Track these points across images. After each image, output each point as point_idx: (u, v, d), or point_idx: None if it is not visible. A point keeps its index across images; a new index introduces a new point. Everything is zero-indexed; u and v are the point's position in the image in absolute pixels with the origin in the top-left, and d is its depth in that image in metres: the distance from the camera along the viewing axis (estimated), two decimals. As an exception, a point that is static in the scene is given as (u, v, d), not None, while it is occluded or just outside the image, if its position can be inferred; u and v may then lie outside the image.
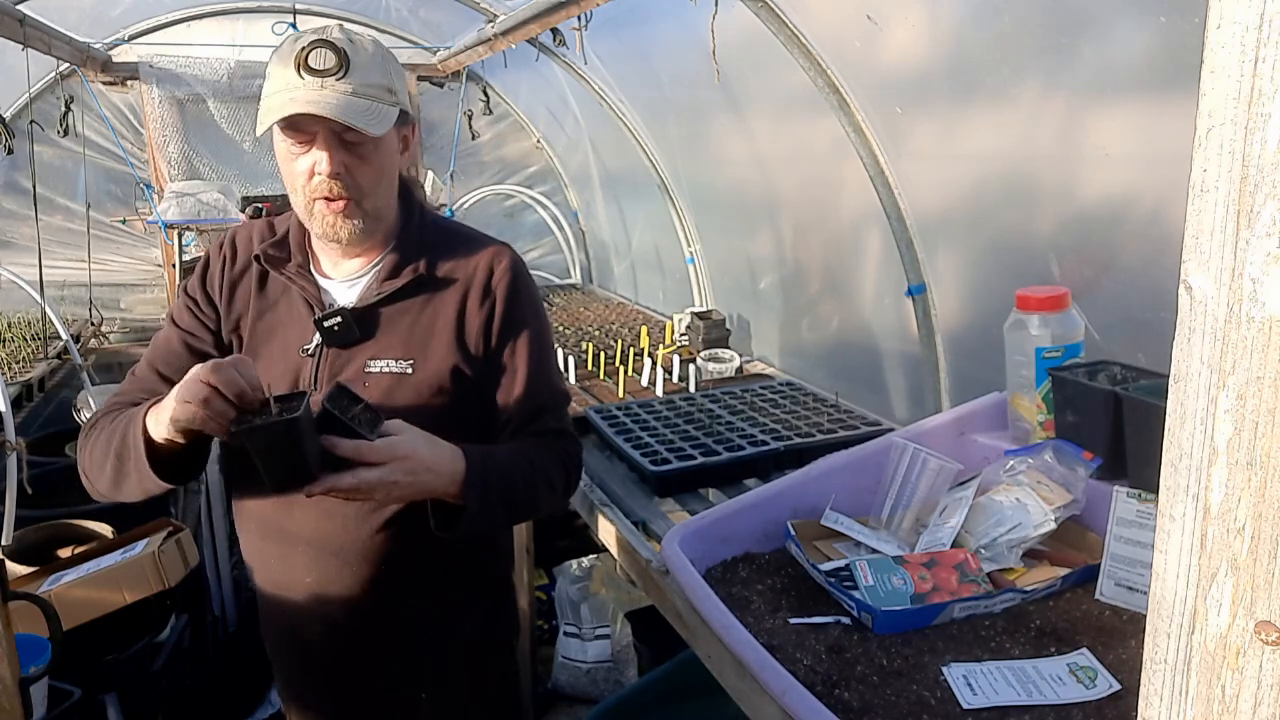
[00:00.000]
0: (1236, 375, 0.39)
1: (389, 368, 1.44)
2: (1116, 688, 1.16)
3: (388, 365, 1.44)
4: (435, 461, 1.29)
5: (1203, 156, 0.40)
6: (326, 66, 1.32)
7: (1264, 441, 0.39)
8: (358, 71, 1.34)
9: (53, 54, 3.38)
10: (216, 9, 4.29)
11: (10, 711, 1.15)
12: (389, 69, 1.39)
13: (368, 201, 1.40)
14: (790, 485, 1.65)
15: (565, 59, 3.71)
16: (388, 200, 1.47)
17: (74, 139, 4.20)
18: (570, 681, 3.20)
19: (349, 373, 1.43)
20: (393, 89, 1.38)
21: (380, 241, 1.49)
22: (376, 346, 1.45)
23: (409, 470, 1.25)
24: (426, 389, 1.44)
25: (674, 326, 3.37)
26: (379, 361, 1.44)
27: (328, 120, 1.32)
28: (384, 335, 1.46)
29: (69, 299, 4.39)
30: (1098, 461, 1.46)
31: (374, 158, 1.38)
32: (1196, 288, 0.41)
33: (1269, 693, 0.40)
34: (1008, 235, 2.06)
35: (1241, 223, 0.38)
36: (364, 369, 1.44)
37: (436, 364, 1.44)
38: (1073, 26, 1.65)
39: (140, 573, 2.15)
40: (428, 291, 1.47)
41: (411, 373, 1.44)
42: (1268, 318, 0.38)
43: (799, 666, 1.24)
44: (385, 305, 1.46)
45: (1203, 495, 0.42)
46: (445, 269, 1.49)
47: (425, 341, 1.45)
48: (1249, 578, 0.40)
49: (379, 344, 1.45)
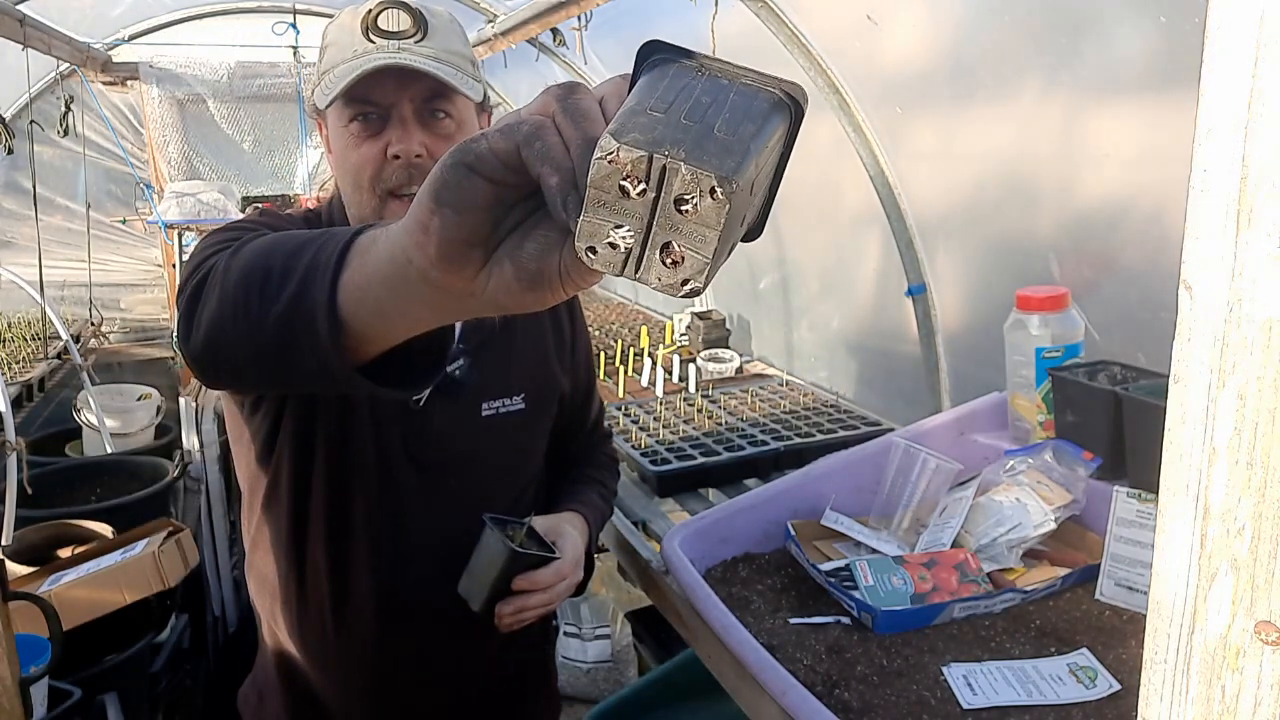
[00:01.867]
0: (1236, 375, 0.39)
1: (504, 407, 1.28)
2: (1116, 688, 1.16)
3: (503, 405, 1.27)
4: (580, 538, 1.31)
5: (1203, 156, 0.40)
6: (402, 28, 1.11)
7: (1264, 441, 0.39)
8: (438, 35, 1.13)
9: (53, 54, 3.38)
10: (216, 9, 4.29)
11: (10, 711, 1.15)
12: (467, 40, 1.20)
13: None
14: (790, 485, 1.65)
15: (565, 59, 3.71)
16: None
17: (74, 139, 4.20)
18: (570, 681, 3.20)
19: (467, 424, 1.25)
20: (475, 61, 1.19)
21: None
22: (483, 389, 1.26)
23: (579, 564, 1.28)
24: (544, 420, 1.35)
25: (674, 326, 3.37)
26: (494, 403, 1.27)
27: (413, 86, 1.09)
28: (488, 375, 1.27)
29: (69, 299, 4.39)
30: (1098, 461, 1.46)
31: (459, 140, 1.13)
32: (1196, 288, 0.41)
33: (1269, 693, 0.40)
34: (1008, 235, 2.06)
35: (1241, 223, 0.38)
36: (480, 414, 1.26)
37: (543, 393, 1.33)
38: (1073, 26, 1.65)
39: (140, 573, 2.15)
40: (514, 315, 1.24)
41: (525, 408, 1.29)
42: (1268, 318, 0.38)
43: (799, 666, 1.24)
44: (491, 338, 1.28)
45: (1203, 495, 0.42)
46: None
47: (530, 374, 1.31)
48: (1249, 578, 0.40)
49: (485, 386, 1.26)
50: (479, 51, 3.81)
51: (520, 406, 1.29)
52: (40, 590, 2.03)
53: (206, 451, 3.06)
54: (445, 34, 1.15)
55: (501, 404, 1.27)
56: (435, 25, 1.14)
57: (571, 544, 1.27)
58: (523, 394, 1.29)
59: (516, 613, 1.20)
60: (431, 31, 1.13)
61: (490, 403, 1.27)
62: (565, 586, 1.25)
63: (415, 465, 1.24)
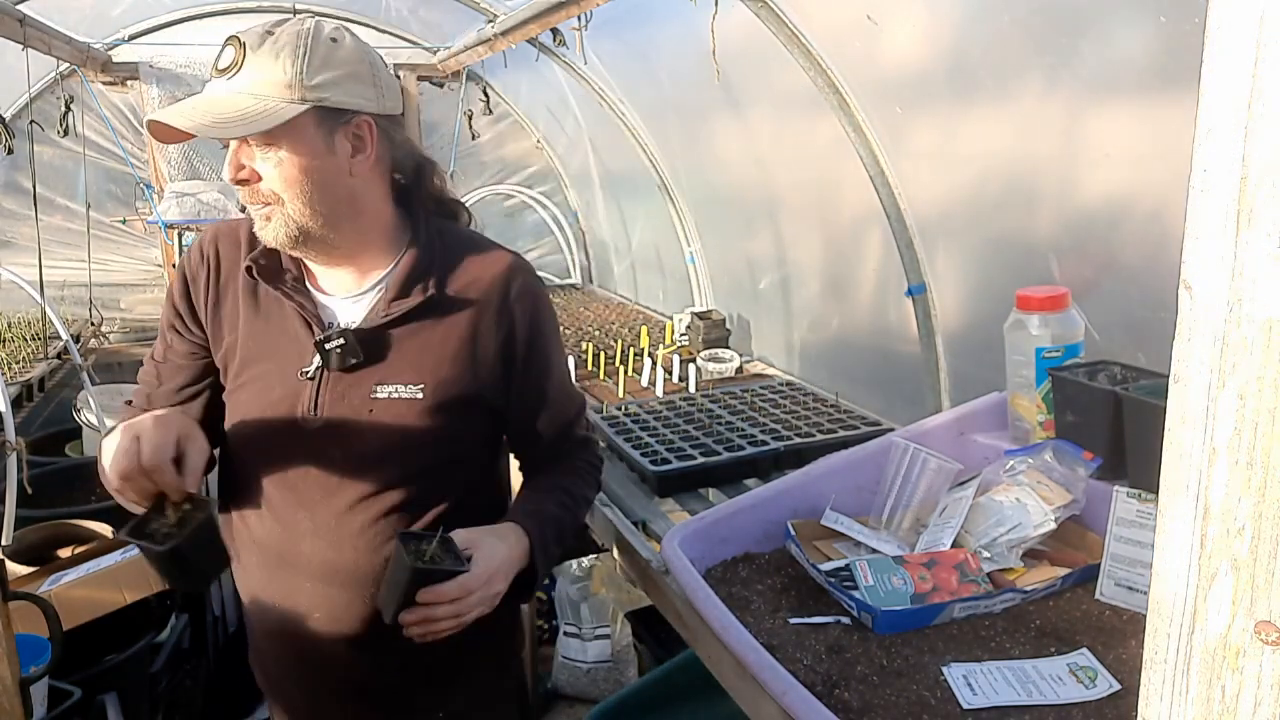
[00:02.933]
0: (1236, 375, 0.40)
1: (398, 393, 1.36)
2: (1116, 688, 1.16)
3: (397, 390, 1.36)
4: (510, 551, 1.33)
5: (1203, 156, 0.40)
6: (225, 65, 1.25)
7: (1264, 441, 0.39)
8: (253, 68, 1.24)
9: (53, 54, 3.38)
10: (216, 9, 4.29)
11: (10, 711, 1.15)
12: (311, 63, 1.25)
13: (291, 207, 1.29)
14: (790, 485, 1.65)
15: (565, 59, 3.71)
16: (333, 207, 1.32)
17: (74, 139, 4.20)
18: (570, 681, 3.21)
19: (354, 398, 1.36)
20: (304, 84, 1.24)
21: (375, 253, 1.40)
22: (384, 370, 1.37)
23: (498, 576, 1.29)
24: (439, 414, 1.37)
25: (674, 326, 3.37)
26: (387, 386, 1.36)
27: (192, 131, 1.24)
28: (393, 358, 1.37)
29: (69, 299, 4.39)
30: (1098, 461, 1.46)
31: (287, 160, 1.27)
32: (1196, 288, 0.41)
33: (1269, 693, 0.40)
34: (1008, 235, 2.06)
35: (1241, 223, 0.39)
36: (370, 394, 1.36)
37: (450, 388, 1.37)
38: (1073, 26, 1.65)
39: (140, 573, 2.15)
40: (439, 311, 1.38)
41: (423, 398, 1.36)
42: (1268, 318, 0.38)
43: (799, 666, 1.24)
44: (394, 327, 1.37)
45: (1203, 495, 0.42)
46: (457, 286, 1.40)
47: (438, 365, 1.37)
48: (1249, 578, 0.40)
49: (387, 367, 1.37)
50: (479, 51, 3.81)
51: (418, 396, 1.36)
52: (40, 590, 2.03)
53: (206, 451, 3.05)
54: (265, 65, 1.24)
55: (396, 389, 1.36)
56: (257, 59, 1.25)
57: (487, 557, 1.28)
58: (423, 385, 1.36)
59: (422, 623, 1.24)
60: (247, 66, 1.25)
61: (384, 385, 1.36)
62: (476, 600, 1.26)
63: (302, 430, 1.37)
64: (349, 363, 1.35)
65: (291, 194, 1.29)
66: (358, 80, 1.30)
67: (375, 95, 1.32)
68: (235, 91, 1.24)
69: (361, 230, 1.38)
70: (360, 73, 1.30)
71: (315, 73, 1.25)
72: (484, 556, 1.28)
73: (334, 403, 1.36)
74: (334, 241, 1.35)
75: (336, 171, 1.31)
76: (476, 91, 4.72)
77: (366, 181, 1.35)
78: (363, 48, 1.33)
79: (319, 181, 1.29)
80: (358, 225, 1.37)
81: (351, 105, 1.29)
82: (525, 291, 1.43)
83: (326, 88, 1.26)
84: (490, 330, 1.40)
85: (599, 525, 1.97)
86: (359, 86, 1.30)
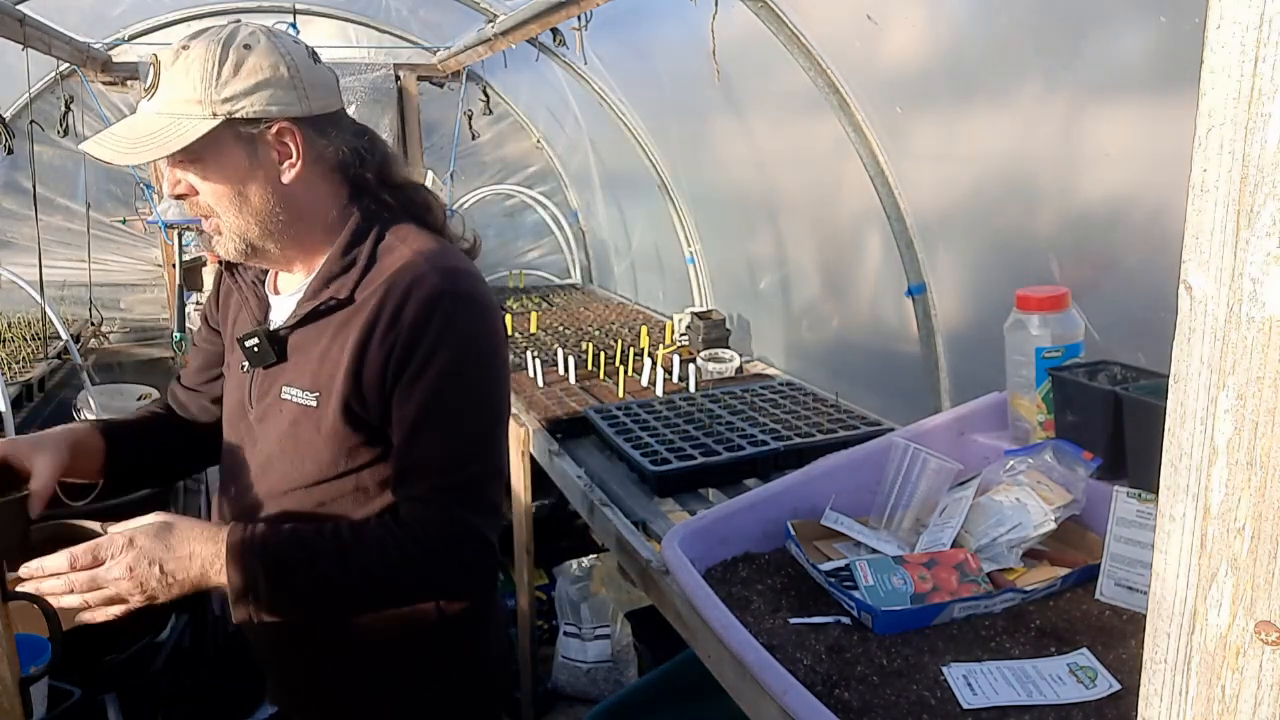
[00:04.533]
0: (1236, 375, 0.40)
1: (296, 398, 1.32)
2: (1116, 688, 1.16)
3: (296, 395, 1.32)
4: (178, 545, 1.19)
5: (1203, 156, 0.40)
6: (147, 85, 1.25)
7: (1264, 441, 0.39)
8: (168, 86, 1.23)
9: (53, 54, 3.38)
10: (216, 9, 4.29)
11: (10, 711, 1.15)
12: (221, 74, 1.22)
13: (226, 220, 1.28)
14: (790, 485, 1.65)
15: (565, 59, 3.71)
16: (267, 217, 1.29)
17: (74, 139, 4.20)
18: (570, 681, 3.20)
19: (270, 397, 1.35)
20: (214, 98, 1.22)
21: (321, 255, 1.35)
22: (291, 372, 1.34)
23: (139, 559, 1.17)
24: (330, 428, 1.29)
25: (674, 326, 3.38)
26: (291, 389, 1.32)
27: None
28: (298, 361, 1.33)
29: (69, 299, 4.39)
30: (1098, 461, 1.46)
31: (209, 175, 1.26)
32: (1196, 288, 0.41)
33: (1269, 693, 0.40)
34: (1008, 235, 2.06)
35: (1241, 223, 0.39)
36: (280, 395, 1.33)
37: (340, 402, 1.27)
38: (1073, 26, 1.65)
39: (140, 573, 2.14)
40: (343, 318, 1.30)
41: (316, 406, 1.30)
42: (1268, 318, 0.38)
43: (799, 666, 1.24)
44: (301, 327, 1.33)
45: (1203, 495, 0.42)
46: (367, 292, 1.29)
47: (332, 374, 1.29)
48: (1249, 578, 0.40)
49: (294, 370, 1.34)
50: (479, 51, 3.81)
51: (312, 404, 1.31)
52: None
53: (206, 451, 3.05)
54: (175, 83, 1.23)
55: (297, 393, 1.33)
56: (170, 75, 1.23)
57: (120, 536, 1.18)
58: (318, 393, 1.30)
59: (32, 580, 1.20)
60: (163, 84, 1.24)
61: (289, 388, 1.33)
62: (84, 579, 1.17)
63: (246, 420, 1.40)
64: (264, 362, 1.35)
65: (223, 208, 1.28)
66: (274, 85, 1.24)
67: (296, 98, 1.26)
68: (154, 112, 1.24)
69: (303, 234, 1.34)
70: (276, 77, 1.24)
71: (225, 84, 1.22)
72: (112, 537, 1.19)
73: (259, 398, 1.37)
74: (279, 248, 1.34)
75: (265, 181, 1.27)
76: (476, 91, 4.72)
77: (305, 185, 1.30)
78: (280, 49, 1.26)
79: (247, 193, 1.27)
80: (298, 230, 1.33)
81: (268, 113, 1.24)
82: (423, 304, 1.24)
83: (238, 99, 1.22)
84: (379, 343, 1.26)
85: (599, 525, 1.97)
86: (275, 92, 1.24)
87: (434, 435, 1.26)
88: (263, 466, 1.38)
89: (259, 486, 1.39)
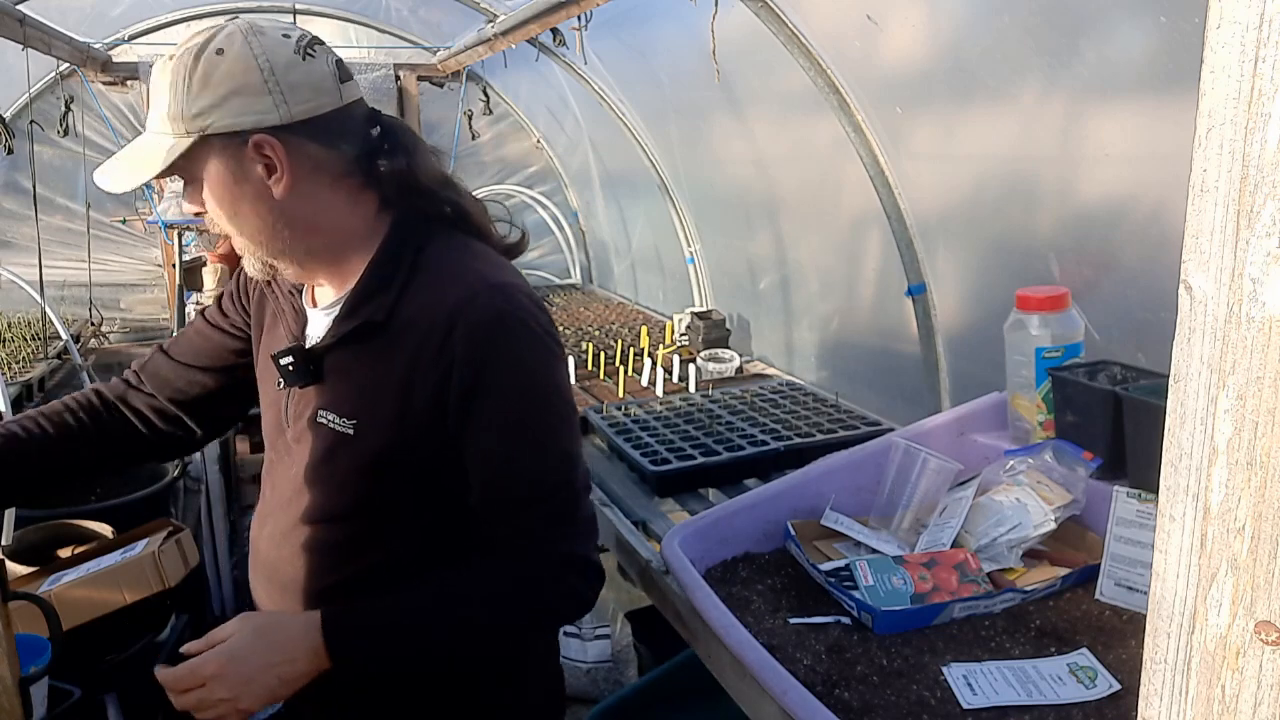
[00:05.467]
0: (1236, 375, 0.40)
1: (334, 424, 1.22)
2: (1116, 688, 1.16)
3: (333, 421, 1.22)
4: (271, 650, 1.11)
5: (1203, 156, 0.40)
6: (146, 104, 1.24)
7: (1264, 441, 0.39)
8: (153, 106, 1.16)
9: (53, 54, 3.38)
10: (216, 9, 4.29)
11: (10, 711, 1.15)
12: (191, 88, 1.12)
13: (238, 240, 1.22)
14: (790, 485, 1.65)
15: (565, 59, 3.71)
16: (271, 234, 1.20)
17: (74, 139, 4.20)
18: (570, 682, 3.20)
19: (306, 417, 1.26)
20: (186, 114, 1.13)
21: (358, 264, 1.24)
22: (327, 395, 1.24)
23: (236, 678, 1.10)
24: (368, 458, 1.20)
25: (674, 326, 3.37)
26: (328, 414, 1.23)
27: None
28: (335, 385, 1.24)
29: (69, 299, 4.39)
30: (1098, 461, 1.46)
31: (207, 195, 1.18)
32: (1196, 288, 0.41)
33: (1269, 693, 0.40)
34: (1008, 235, 2.06)
35: (1241, 223, 0.39)
36: (315, 417, 1.24)
37: (379, 431, 1.19)
38: (1073, 26, 1.65)
39: (140, 573, 2.15)
40: (384, 339, 1.20)
41: (353, 435, 1.20)
42: (1268, 318, 0.38)
43: (799, 666, 1.24)
44: (339, 348, 1.23)
45: (1203, 495, 0.42)
46: (410, 312, 1.19)
47: (373, 402, 1.20)
48: (1249, 578, 0.40)
49: (330, 393, 1.24)
50: (479, 51, 3.81)
51: (349, 431, 1.21)
52: (40, 590, 2.03)
53: (206, 452, 3.06)
54: (159, 102, 1.15)
55: (333, 419, 1.23)
56: (154, 92, 1.16)
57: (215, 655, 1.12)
58: (355, 421, 1.21)
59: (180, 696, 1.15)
60: (151, 103, 1.17)
61: (326, 412, 1.24)
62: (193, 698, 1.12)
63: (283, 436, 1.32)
64: (299, 382, 1.25)
65: (229, 227, 1.21)
66: (246, 94, 1.12)
67: (272, 105, 1.13)
68: (148, 131, 1.18)
69: (320, 250, 1.24)
70: (247, 85, 1.12)
71: (196, 98, 1.12)
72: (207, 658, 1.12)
73: (295, 419, 1.28)
74: (297, 265, 1.25)
75: (256, 197, 1.17)
76: (476, 91, 4.72)
77: (304, 199, 1.18)
78: (254, 50, 1.13)
79: (241, 212, 1.18)
80: (312, 246, 1.23)
81: (241, 125, 1.13)
82: (476, 329, 1.15)
83: (209, 113, 1.12)
84: (427, 369, 1.16)
85: (599, 525, 1.96)
86: (248, 100, 1.12)
87: (520, 464, 1.18)
88: (298, 490, 1.29)
89: (293, 507, 1.30)
